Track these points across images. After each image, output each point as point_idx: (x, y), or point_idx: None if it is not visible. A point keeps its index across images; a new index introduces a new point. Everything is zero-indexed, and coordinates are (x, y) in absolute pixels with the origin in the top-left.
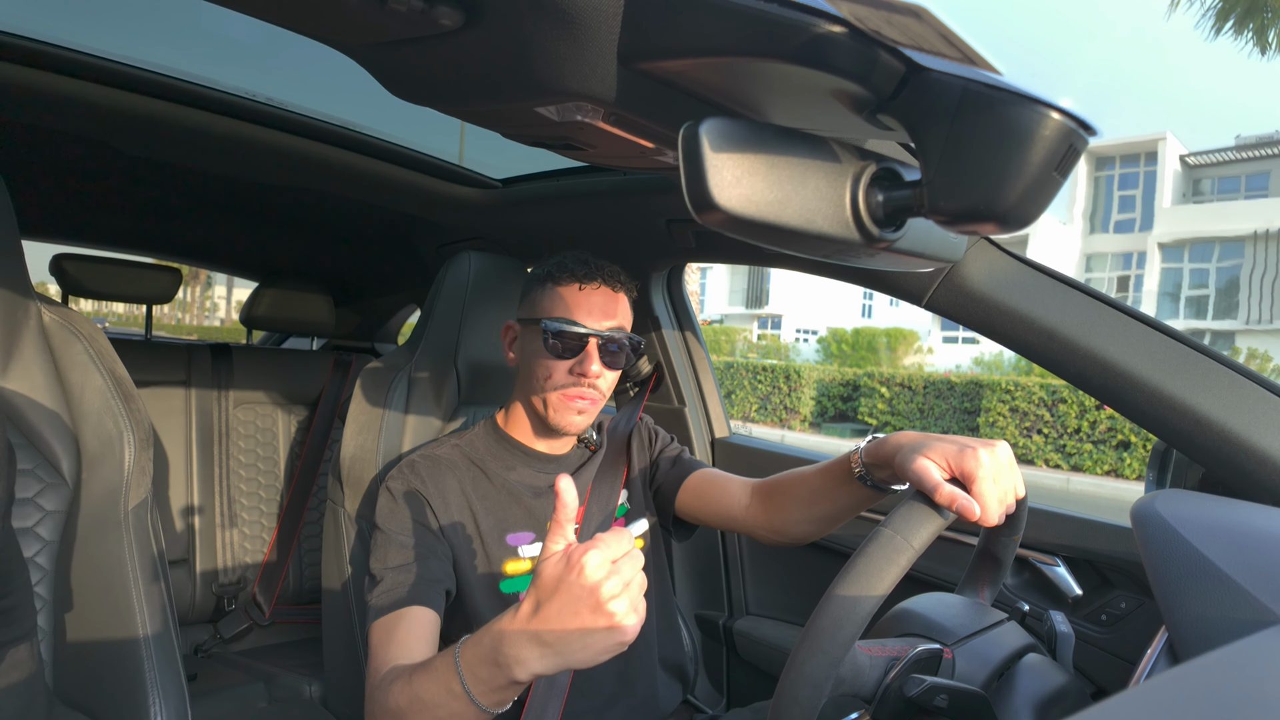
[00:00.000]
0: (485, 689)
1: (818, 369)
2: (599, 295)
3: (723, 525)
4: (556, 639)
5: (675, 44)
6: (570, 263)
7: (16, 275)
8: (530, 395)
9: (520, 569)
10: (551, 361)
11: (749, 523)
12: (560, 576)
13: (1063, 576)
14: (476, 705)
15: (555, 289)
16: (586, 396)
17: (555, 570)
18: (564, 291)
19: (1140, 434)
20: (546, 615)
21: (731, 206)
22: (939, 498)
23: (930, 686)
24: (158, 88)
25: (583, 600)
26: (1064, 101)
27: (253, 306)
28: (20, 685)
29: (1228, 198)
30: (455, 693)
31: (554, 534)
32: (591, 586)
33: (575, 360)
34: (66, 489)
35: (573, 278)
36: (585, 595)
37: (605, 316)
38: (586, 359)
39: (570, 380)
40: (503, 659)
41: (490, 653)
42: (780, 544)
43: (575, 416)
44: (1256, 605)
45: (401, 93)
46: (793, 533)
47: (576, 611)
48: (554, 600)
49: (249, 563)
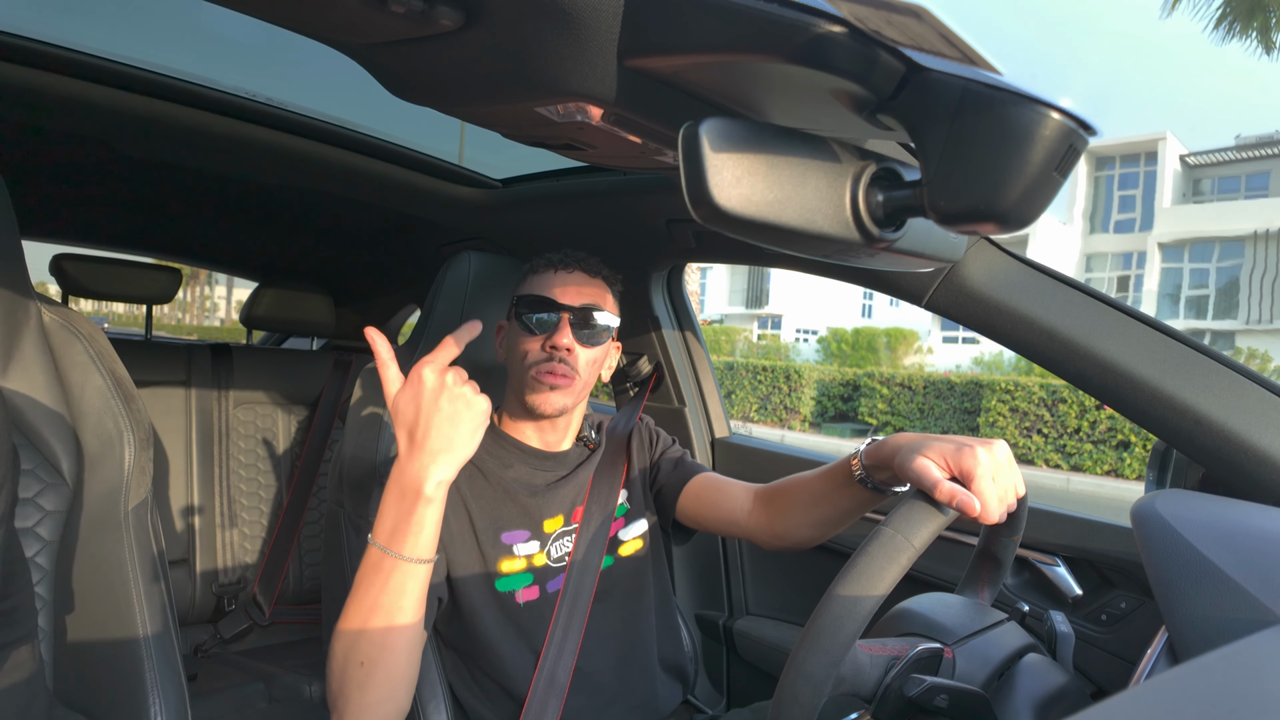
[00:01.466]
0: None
1: (818, 369)
2: (574, 278)
3: (724, 530)
4: (439, 440)
5: (675, 43)
6: (551, 253)
7: (16, 275)
8: (513, 383)
9: (516, 567)
10: (526, 339)
11: (751, 528)
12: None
13: (1063, 576)
14: (401, 558)
15: (532, 275)
16: (558, 371)
17: (407, 396)
18: (540, 276)
19: (1140, 434)
20: (422, 431)
21: (731, 206)
22: (939, 495)
23: (930, 686)
24: (158, 88)
25: (439, 398)
26: (1064, 101)
27: (253, 306)
28: (21, 686)
29: (1228, 198)
30: (382, 566)
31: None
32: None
33: (546, 335)
34: (66, 489)
35: (549, 264)
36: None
37: (579, 296)
38: (557, 332)
39: (543, 356)
40: (408, 488)
41: (396, 497)
42: (781, 549)
43: (550, 394)
44: (1256, 605)
45: (401, 93)
46: (794, 537)
47: (440, 409)
48: (420, 416)
49: (249, 563)
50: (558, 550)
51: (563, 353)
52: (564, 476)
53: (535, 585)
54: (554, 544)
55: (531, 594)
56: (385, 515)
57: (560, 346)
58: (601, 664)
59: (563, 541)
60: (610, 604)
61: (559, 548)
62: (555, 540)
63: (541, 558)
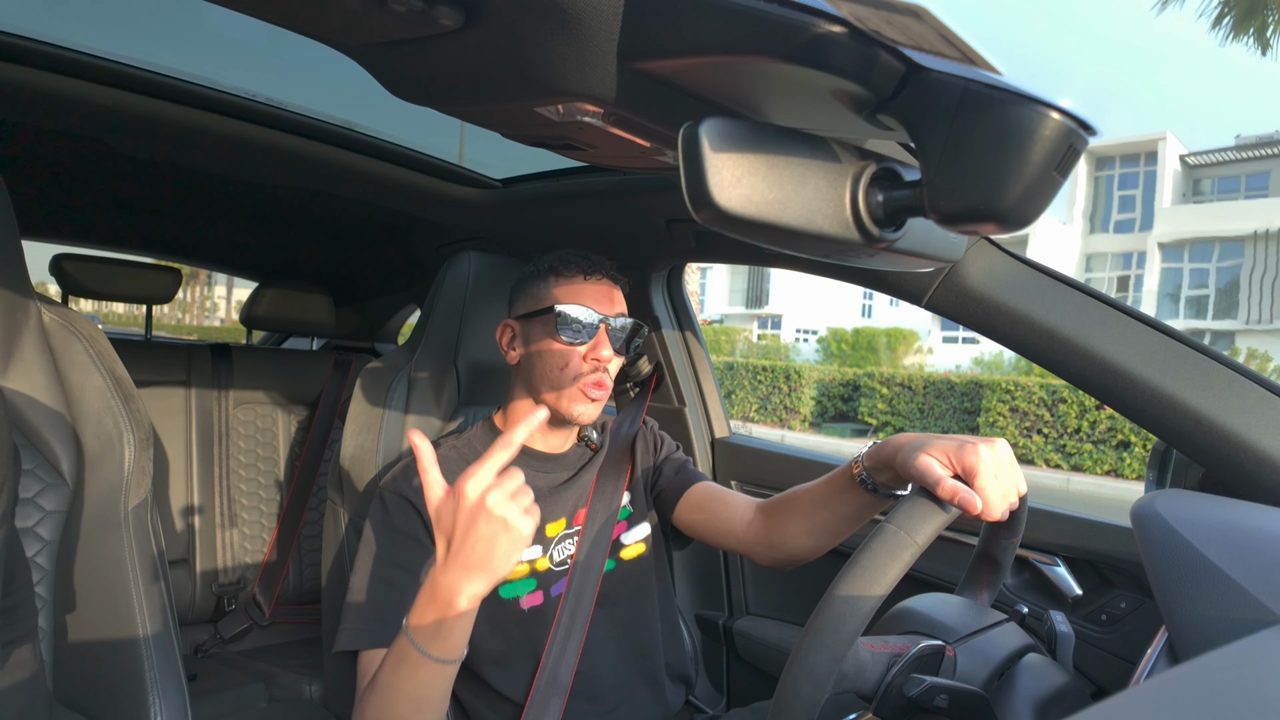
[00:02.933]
0: (434, 638)
1: (818, 369)
2: (604, 285)
3: (720, 542)
4: (473, 558)
5: (675, 43)
6: (573, 256)
7: (16, 275)
8: (541, 389)
9: (519, 573)
10: (565, 349)
11: (748, 540)
12: (454, 510)
13: (1063, 576)
14: (431, 658)
15: (561, 281)
16: (603, 384)
17: (448, 508)
18: (571, 282)
19: (1140, 434)
20: (457, 545)
21: (731, 206)
22: (941, 492)
23: (930, 686)
24: (158, 88)
25: (477, 519)
26: (1064, 101)
27: (253, 306)
28: (21, 686)
29: (1228, 198)
30: (411, 658)
31: (426, 481)
32: (476, 506)
33: (589, 346)
34: (67, 489)
35: (577, 269)
36: (476, 514)
37: (613, 305)
38: (599, 344)
39: (586, 368)
40: (440, 597)
41: (429, 599)
42: (777, 563)
43: (588, 405)
44: (1256, 605)
45: (401, 93)
46: (790, 547)
47: (476, 530)
48: (456, 531)
49: (249, 563)
50: (560, 554)
51: (605, 364)
52: (566, 480)
53: (539, 590)
54: (556, 547)
55: (535, 599)
56: (418, 611)
57: (603, 360)
58: (604, 669)
59: (565, 545)
60: (613, 609)
61: (561, 551)
62: (558, 544)
63: (544, 562)
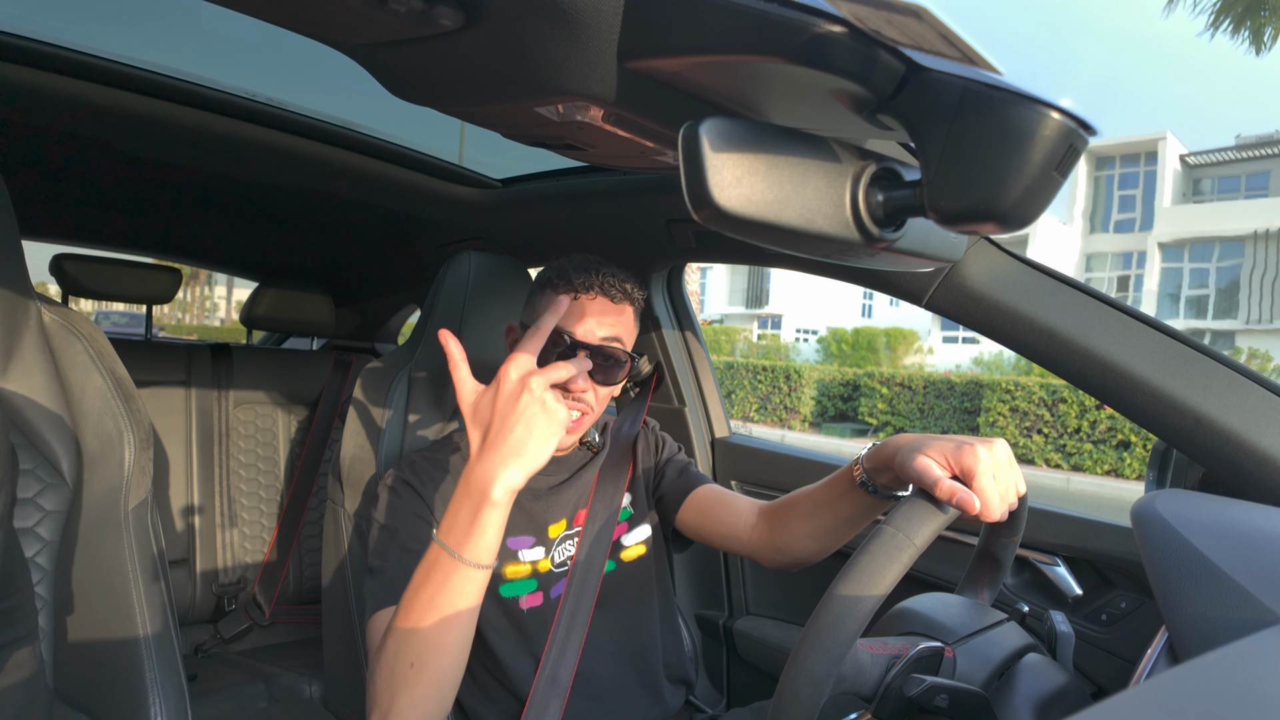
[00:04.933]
0: (465, 537)
1: (818, 369)
2: (595, 305)
3: (724, 545)
4: (510, 442)
5: (675, 43)
6: (570, 269)
7: (16, 275)
8: None
9: (520, 572)
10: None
11: (753, 543)
12: (493, 397)
13: (1063, 576)
14: (461, 560)
15: (552, 296)
16: (574, 408)
17: (487, 397)
18: (560, 300)
19: (1140, 434)
20: (495, 431)
21: (731, 206)
22: (939, 492)
23: (930, 686)
24: (158, 88)
25: (518, 399)
26: (1064, 101)
27: (253, 306)
28: (21, 685)
29: (1228, 198)
30: (442, 564)
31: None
32: (518, 386)
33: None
34: (66, 489)
35: (569, 286)
36: (518, 394)
37: (599, 328)
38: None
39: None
40: (475, 489)
41: (462, 494)
42: (782, 565)
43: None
44: (1256, 605)
45: (401, 93)
46: (794, 550)
47: (517, 410)
48: (495, 416)
49: (249, 563)
50: (561, 554)
51: (578, 394)
52: (566, 480)
53: (539, 591)
54: (557, 548)
55: (535, 600)
56: (451, 513)
57: (576, 390)
58: (604, 670)
59: (566, 545)
60: (613, 611)
61: (562, 551)
62: (559, 545)
63: (546, 563)
